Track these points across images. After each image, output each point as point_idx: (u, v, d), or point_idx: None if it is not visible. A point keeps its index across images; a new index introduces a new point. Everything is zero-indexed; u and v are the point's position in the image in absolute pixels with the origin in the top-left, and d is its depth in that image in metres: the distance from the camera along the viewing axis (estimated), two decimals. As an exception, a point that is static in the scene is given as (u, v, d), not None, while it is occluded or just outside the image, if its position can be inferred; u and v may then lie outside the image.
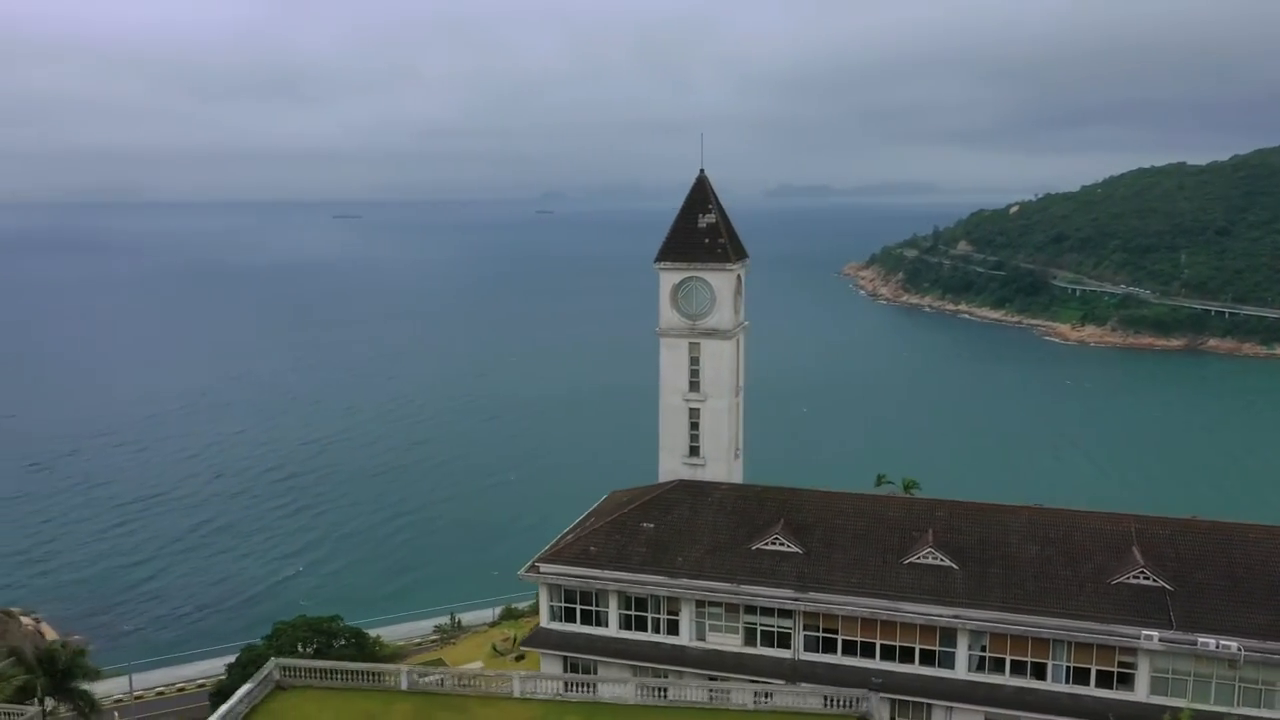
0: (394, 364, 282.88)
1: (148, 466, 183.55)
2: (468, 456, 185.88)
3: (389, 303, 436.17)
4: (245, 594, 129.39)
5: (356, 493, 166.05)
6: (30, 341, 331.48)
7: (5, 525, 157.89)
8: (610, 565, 57.97)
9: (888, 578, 54.90)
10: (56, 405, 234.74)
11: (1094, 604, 51.68)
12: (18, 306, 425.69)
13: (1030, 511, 58.70)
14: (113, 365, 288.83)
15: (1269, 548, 53.49)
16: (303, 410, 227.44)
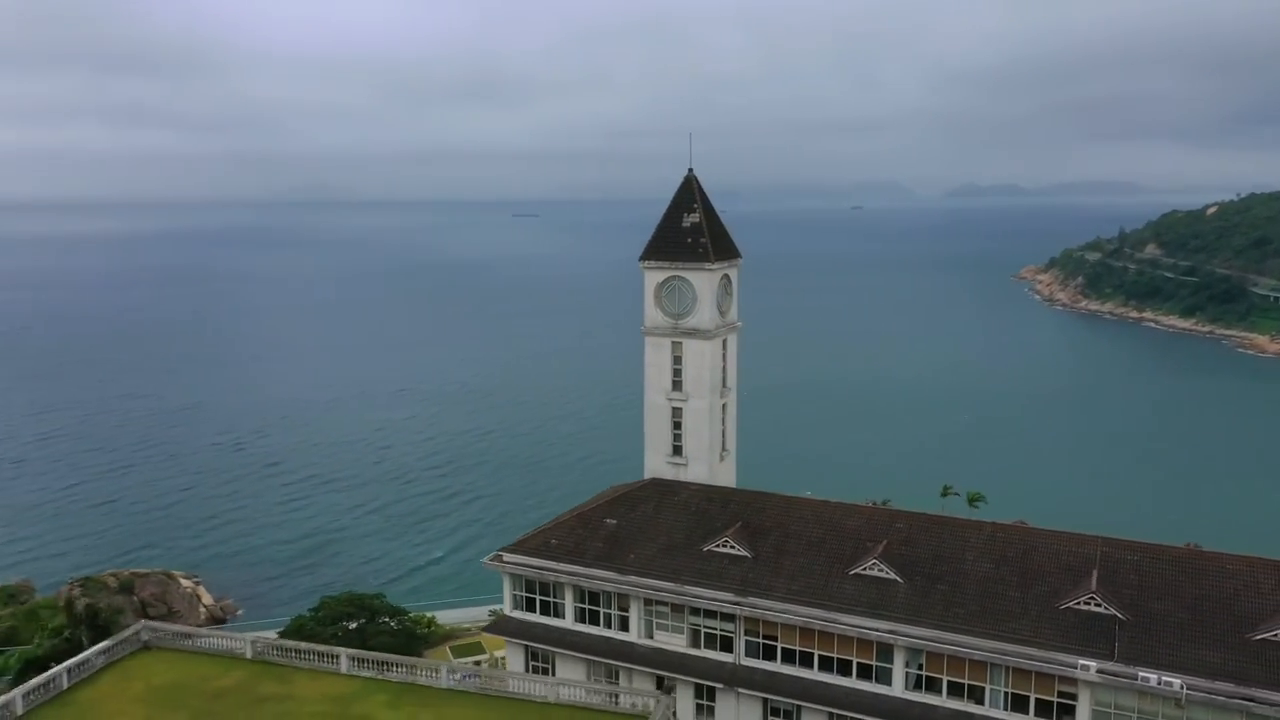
0: (566, 359, 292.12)
1: (319, 448, 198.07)
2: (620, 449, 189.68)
3: (564, 299, 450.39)
4: (388, 575, 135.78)
5: (506, 482, 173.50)
6: (239, 330, 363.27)
7: (186, 496, 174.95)
8: (566, 559, 58.90)
9: (830, 588, 53.56)
10: (253, 388, 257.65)
11: (1035, 628, 48.88)
12: (226, 297, 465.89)
13: (993, 528, 55.85)
14: (307, 353, 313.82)
15: (1242, 581, 49.11)
16: (472, 400, 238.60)
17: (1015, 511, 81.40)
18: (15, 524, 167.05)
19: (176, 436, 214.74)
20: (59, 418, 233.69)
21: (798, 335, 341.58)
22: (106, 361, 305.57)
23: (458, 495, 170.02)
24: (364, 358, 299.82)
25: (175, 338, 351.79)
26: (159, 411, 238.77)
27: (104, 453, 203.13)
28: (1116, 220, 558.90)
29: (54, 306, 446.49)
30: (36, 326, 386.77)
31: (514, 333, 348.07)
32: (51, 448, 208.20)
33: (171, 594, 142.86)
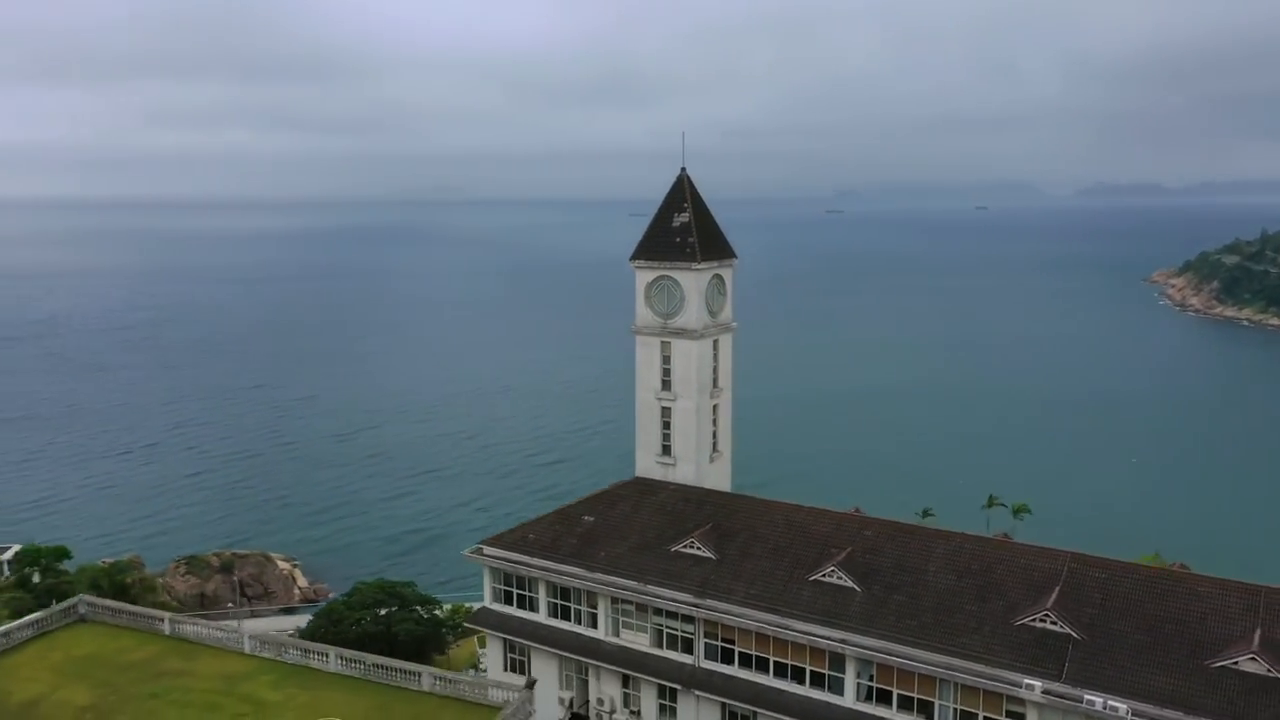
0: None
1: (430, 441, 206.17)
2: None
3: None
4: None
5: (608, 479, 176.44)
6: (366, 324, 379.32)
7: (295, 484, 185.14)
8: (541, 554, 59.57)
9: (787, 593, 52.80)
10: (373, 381, 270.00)
11: (987, 644, 47.19)
12: (358, 292, 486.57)
13: (962, 539, 53.98)
14: (429, 347, 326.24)
15: (1211, 604, 46.37)
16: (582, 398, 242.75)
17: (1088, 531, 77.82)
18: (139, 503, 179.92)
19: (295, 426, 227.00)
20: (190, 406, 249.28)
21: (899, 339, 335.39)
22: (240, 352, 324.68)
23: (561, 493, 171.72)
24: (482, 353, 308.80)
25: (306, 331, 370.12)
26: (282, 402, 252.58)
27: (227, 440, 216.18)
28: (1262, 221, 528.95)
29: (200, 299, 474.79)
30: (181, 318, 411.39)
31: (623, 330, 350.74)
32: (181, 434, 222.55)
33: (268, 575, 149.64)
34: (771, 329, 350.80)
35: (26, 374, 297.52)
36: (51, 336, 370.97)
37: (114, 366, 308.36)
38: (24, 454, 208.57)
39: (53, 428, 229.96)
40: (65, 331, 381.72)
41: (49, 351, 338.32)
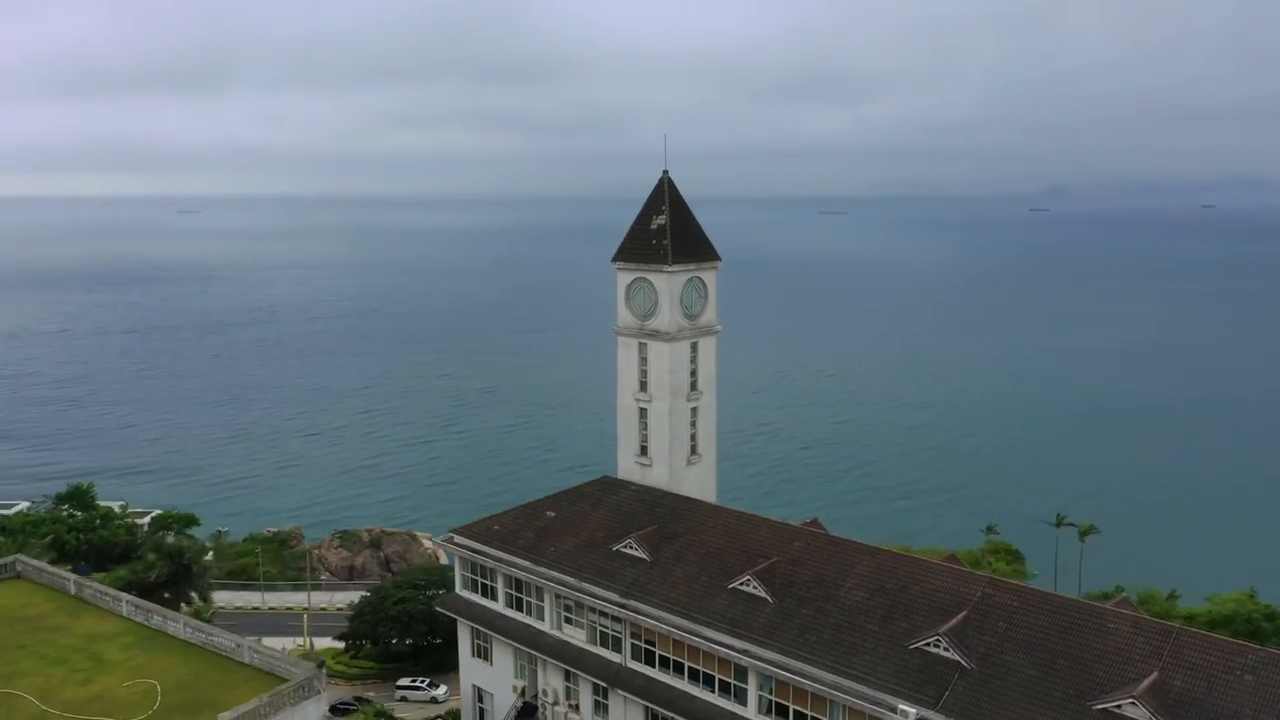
0: (900, 363, 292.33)
1: (595, 438, 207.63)
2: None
3: (877, 299, 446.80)
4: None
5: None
6: (557, 318, 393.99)
7: (463, 471, 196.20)
8: (499, 545, 61.45)
9: (703, 600, 52.52)
10: (548, 375, 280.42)
11: (874, 666, 45.61)
12: (561, 286, 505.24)
13: (886, 556, 51.96)
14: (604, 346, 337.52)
15: (1116, 642, 43.12)
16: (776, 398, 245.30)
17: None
18: (318, 480, 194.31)
19: (470, 416, 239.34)
20: (379, 393, 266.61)
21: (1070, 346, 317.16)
22: (432, 343, 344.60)
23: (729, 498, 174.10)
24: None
25: (495, 323, 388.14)
26: (463, 392, 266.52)
27: (405, 427, 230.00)
28: None
29: (406, 291, 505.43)
30: (385, 309, 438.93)
31: (830, 332, 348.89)
32: (366, 419, 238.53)
33: (412, 553, 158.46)
34: (959, 333, 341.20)
35: (241, 358, 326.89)
36: (268, 324, 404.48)
37: (317, 353, 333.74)
38: (230, 431, 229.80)
39: (256, 408, 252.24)
40: (280, 320, 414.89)
41: (263, 338, 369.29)
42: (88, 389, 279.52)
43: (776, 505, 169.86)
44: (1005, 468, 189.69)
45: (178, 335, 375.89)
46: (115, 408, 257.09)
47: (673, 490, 64.14)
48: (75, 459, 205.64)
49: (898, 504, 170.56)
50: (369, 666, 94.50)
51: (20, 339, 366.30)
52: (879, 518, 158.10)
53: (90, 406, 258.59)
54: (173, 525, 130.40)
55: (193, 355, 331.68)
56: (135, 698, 37.46)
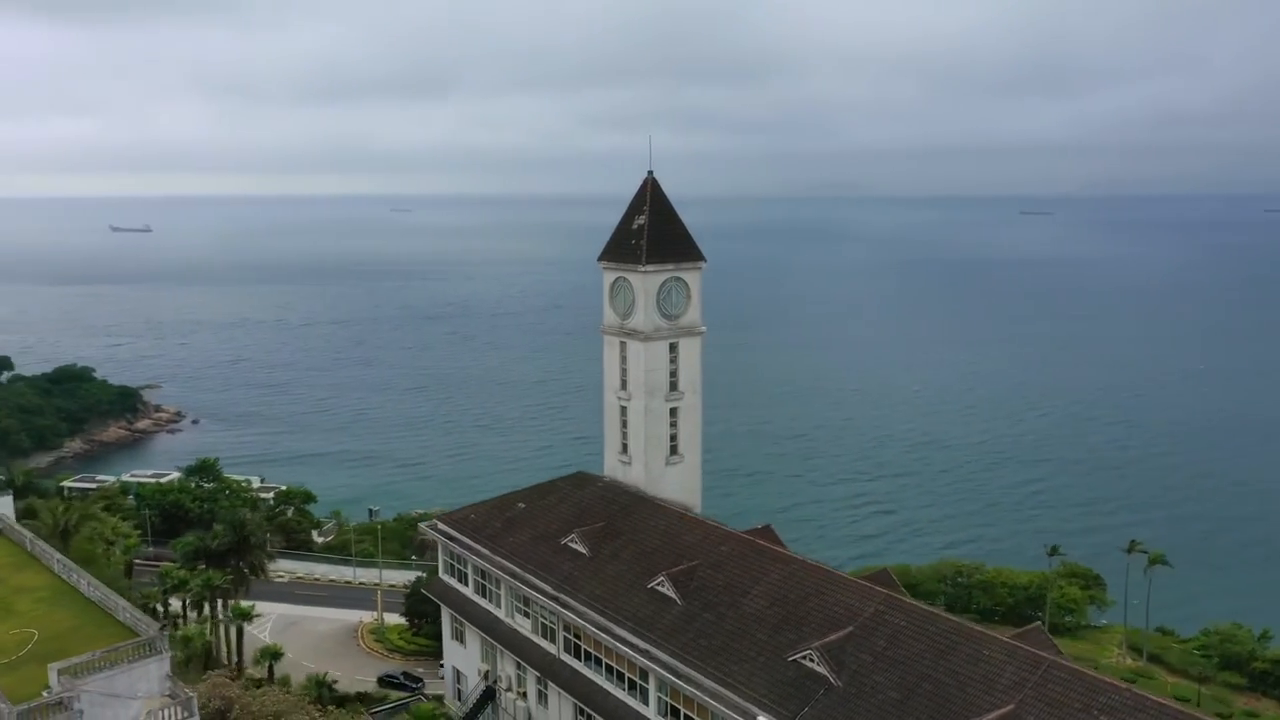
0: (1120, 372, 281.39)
1: (805, 440, 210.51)
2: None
3: (1090, 305, 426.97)
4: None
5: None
6: (750, 317, 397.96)
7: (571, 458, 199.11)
8: (469, 534, 63.72)
9: (622, 598, 52.93)
10: (759, 372, 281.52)
11: (749, 675, 44.96)
12: (752, 286, 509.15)
13: (799, 566, 50.54)
14: (816, 342, 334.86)
15: (985, 669, 40.84)
16: (984, 406, 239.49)
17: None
18: (476, 469, 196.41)
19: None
20: (556, 386, 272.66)
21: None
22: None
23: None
24: (871, 353, 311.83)
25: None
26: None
27: (569, 423, 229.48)
28: None
29: (591, 287, 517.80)
30: (570, 304, 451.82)
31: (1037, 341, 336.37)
32: (536, 413, 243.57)
33: None
34: (1160, 345, 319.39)
35: (434, 349, 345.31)
36: (460, 318, 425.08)
37: (505, 346, 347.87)
38: (409, 419, 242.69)
39: (437, 398, 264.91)
40: (473, 314, 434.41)
41: (454, 331, 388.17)
42: (291, 375, 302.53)
43: (859, 509, 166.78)
44: (1138, 487, 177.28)
45: (377, 327, 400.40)
46: (311, 391, 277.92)
47: (650, 489, 64.48)
48: (268, 439, 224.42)
49: (1031, 517, 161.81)
50: (427, 645, 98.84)
51: (243, 327, 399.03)
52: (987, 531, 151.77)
53: (293, 391, 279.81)
54: (293, 501, 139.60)
55: (387, 346, 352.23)
56: (10, 643, 41.96)
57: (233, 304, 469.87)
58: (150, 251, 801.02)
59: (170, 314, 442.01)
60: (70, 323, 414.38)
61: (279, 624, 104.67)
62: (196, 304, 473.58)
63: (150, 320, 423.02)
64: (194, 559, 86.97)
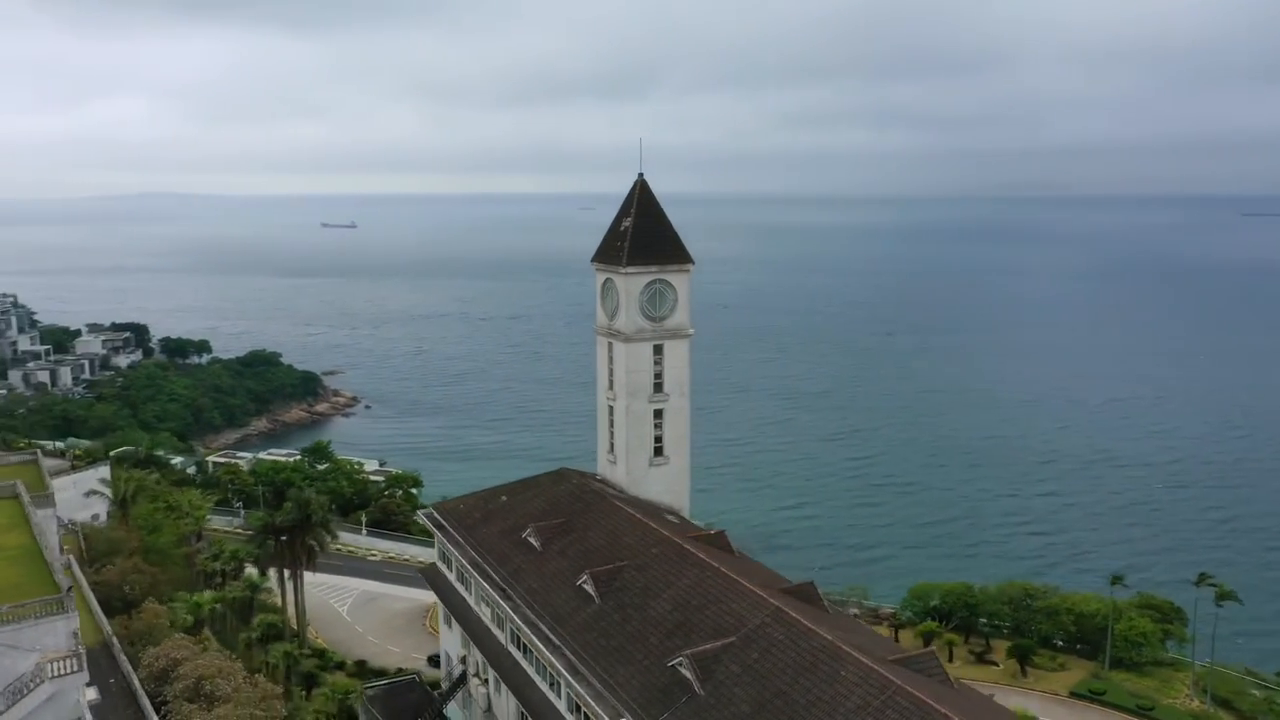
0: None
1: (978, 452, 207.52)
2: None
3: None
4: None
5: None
6: (934, 321, 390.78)
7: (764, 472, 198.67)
8: (451, 523, 66.08)
9: (550, 593, 53.88)
10: (927, 378, 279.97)
11: (629, 678, 45.16)
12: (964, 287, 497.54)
13: (712, 572, 49.73)
14: (1008, 346, 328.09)
15: (838, 691, 39.54)
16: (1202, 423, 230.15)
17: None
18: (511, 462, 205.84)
19: (799, 418, 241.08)
20: (714, 387, 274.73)
21: None
22: (777, 340, 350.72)
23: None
24: (1068, 360, 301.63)
25: (858, 323, 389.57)
26: (798, 393, 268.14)
27: (728, 426, 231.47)
28: None
29: (776, 287, 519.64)
30: (749, 304, 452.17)
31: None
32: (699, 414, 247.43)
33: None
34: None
35: (589, 345, 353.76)
36: None
37: None
38: (572, 413, 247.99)
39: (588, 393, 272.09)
40: None
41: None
42: (466, 366, 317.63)
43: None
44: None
45: (551, 323, 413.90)
46: (480, 383, 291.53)
47: (632, 489, 65.12)
48: (431, 427, 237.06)
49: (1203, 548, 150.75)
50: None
51: (428, 320, 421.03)
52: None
53: (464, 382, 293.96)
54: (402, 484, 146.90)
55: (559, 341, 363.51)
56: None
57: (422, 297, 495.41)
58: (354, 247, 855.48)
59: (364, 305, 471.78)
60: (275, 311, 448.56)
61: (360, 599, 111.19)
62: (389, 297, 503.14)
63: (345, 311, 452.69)
64: (263, 533, 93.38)
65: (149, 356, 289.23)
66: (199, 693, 46.36)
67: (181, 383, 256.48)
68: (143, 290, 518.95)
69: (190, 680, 47.18)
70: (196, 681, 46.99)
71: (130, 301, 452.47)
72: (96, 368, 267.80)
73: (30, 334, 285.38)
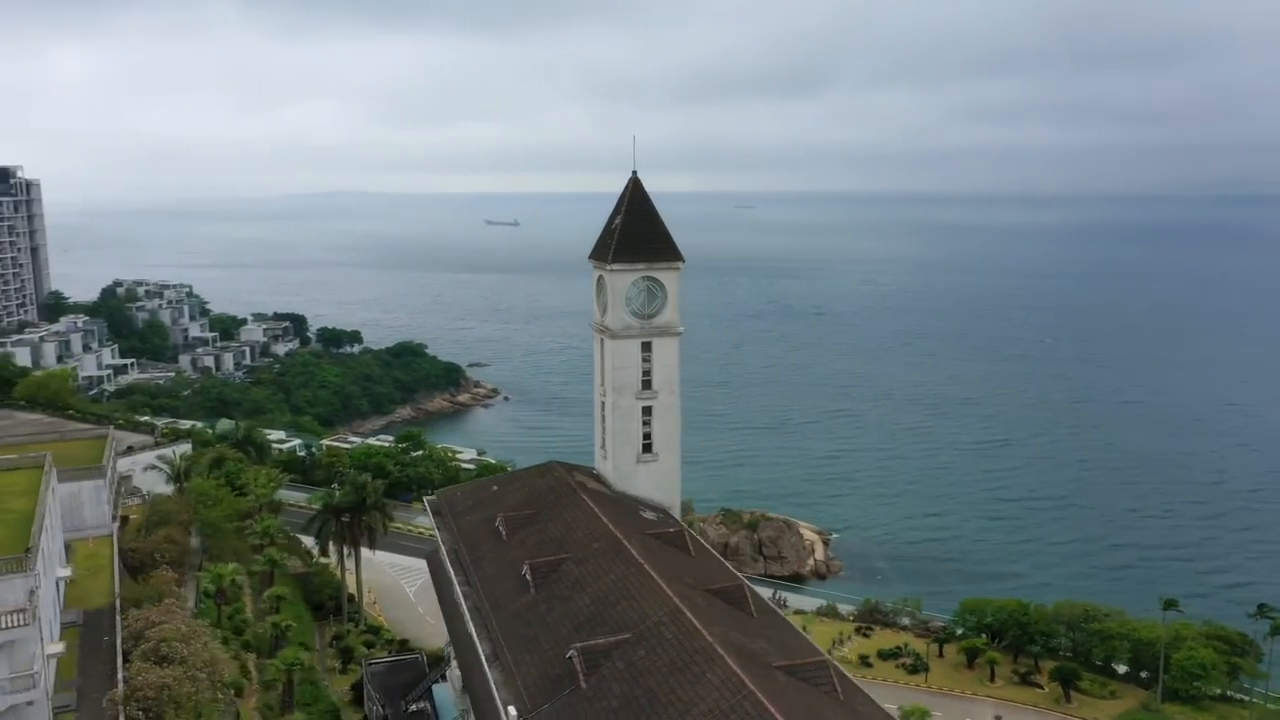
0: None
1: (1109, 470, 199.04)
2: None
3: None
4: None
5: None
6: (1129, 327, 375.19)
7: (883, 474, 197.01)
8: (444, 509, 68.28)
9: (496, 583, 55.15)
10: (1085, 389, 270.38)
11: (530, 667, 46.07)
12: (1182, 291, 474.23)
13: (635, 569, 49.68)
14: (1193, 358, 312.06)
15: (699, 693, 39.34)
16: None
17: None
18: (761, 464, 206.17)
19: (942, 425, 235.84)
20: (864, 392, 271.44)
21: None
22: (928, 345, 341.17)
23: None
24: (1256, 375, 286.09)
25: (1037, 328, 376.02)
26: (946, 400, 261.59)
27: (862, 432, 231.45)
28: None
29: (956, 288, 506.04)
30: (910, 306, 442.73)
31: None
32: (837, 420, 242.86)
33: (784, 540, 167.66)
34: None
35: (750, 345, 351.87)
36: (775, 316, 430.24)
37: (809, 346, 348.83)
38: (704, 414, 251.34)
39: (732, 397, 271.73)
40: (791, 314, 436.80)
41: (770, 329, 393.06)
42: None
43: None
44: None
45: (697, 322, 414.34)
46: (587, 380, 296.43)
47: (619, 485, 65.75)
48: (562, 420, 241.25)
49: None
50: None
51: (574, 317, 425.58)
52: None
53: (559, 375, 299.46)
54: (495, 473, 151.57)
55: (702, 342, 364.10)
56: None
57: (573, 294, 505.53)
58: (515, 244, 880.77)
59: (519, 301, 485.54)
60: (435, 305, 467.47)
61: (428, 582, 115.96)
62: (543, 293, 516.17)
63: (500, 306, 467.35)
64: (324, 512, 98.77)
65: (305, 345, 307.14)
66: (157, 654, 50.04)
67: (333, 371, 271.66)
68: (319, 283, 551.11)
69: (153, 642, 50.97)
70: (158, 643, 50.72)
71: (306, 294, 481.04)
72: (256, 354, 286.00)
73: (200, 322, 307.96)
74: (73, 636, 57.21)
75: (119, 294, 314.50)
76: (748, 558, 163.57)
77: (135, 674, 48.39)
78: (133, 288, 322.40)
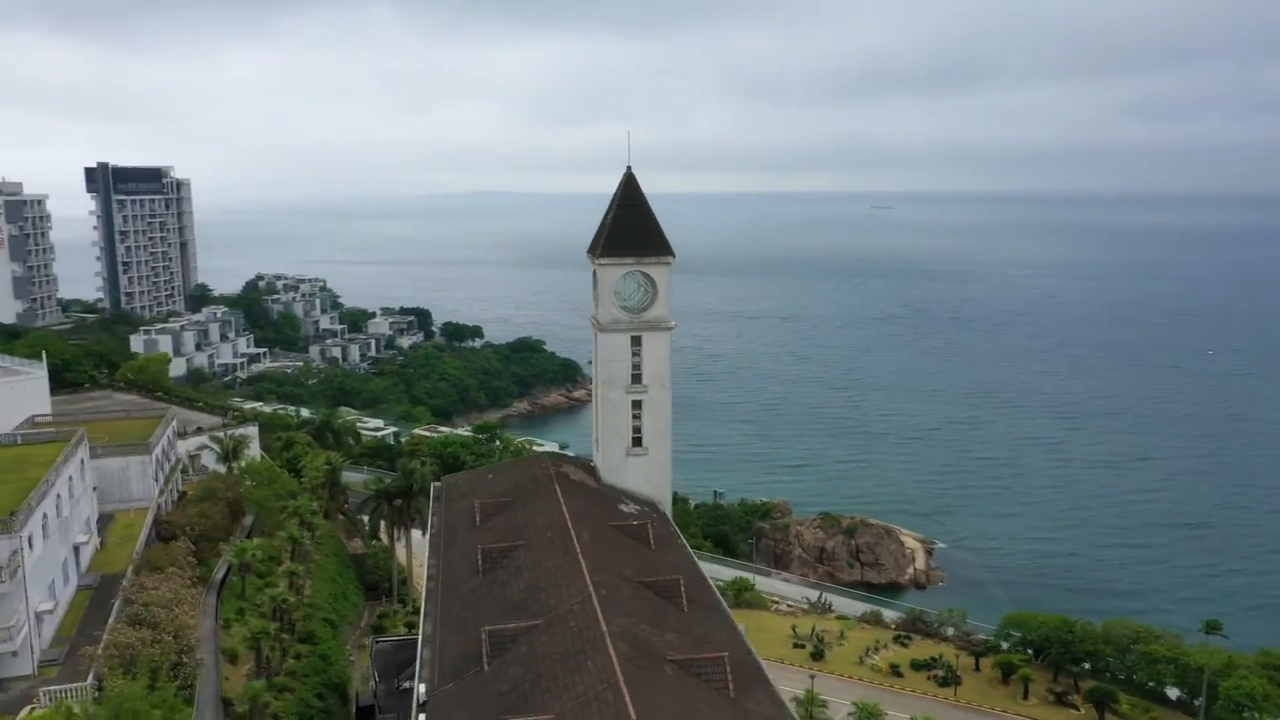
0: None
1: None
2: None
3: None
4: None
5: None
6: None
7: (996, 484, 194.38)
8: (443, 496, 70.16)
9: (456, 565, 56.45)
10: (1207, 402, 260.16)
11: (450, 644, 47.21)
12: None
13: (569, 559, 49.98)
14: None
15: (574, 680, 39.53)
16: None
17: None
18: (870, 472, 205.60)
19: (1072, 439, 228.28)
20: (993, 402, 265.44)
21: None
22: (1050, 359, 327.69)
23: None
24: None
25: (1195, 338, 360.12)
26: (1084, 414, 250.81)
27: (982, 442, 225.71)
28: None
29: (1050, 295, 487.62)
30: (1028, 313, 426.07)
31: None
32: (953, 428, 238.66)
33: (882, 547, 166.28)
34: None
35: (873, 349, 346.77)
36: (906, 320, 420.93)
37: (948, 353, 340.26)
38: (816, 417, 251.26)
39: (851, 402, 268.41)
40: (922, 318, 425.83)
41: (898, 334, 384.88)
42: (722, 365, 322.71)
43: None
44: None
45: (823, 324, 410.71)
46: (734, 382, 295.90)
47: (608, 478, 66.27)
48: (680, 420, 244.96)
49: None
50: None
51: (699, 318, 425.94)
52: None
53: (717, 381, 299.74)
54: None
55: (828, 345, 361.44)
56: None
57: (700, 295, 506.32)
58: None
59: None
60: (565, 303, 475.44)
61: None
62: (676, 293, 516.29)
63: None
64: (378, 496, 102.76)
65: (429, 339, 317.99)
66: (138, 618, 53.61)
67: (453, 364, 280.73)
68: (456, 280, 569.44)
69: (136, 606, 54.62)
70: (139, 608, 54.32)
71: (443, 290, 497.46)
72: (381, 346, 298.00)
73: (331, 314, 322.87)
74: (84, 598, 61.72)
75: (260, 287, 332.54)
76: (843, 563, 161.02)
77: (112, 633, 51.91)
78: (272, 281, 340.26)
